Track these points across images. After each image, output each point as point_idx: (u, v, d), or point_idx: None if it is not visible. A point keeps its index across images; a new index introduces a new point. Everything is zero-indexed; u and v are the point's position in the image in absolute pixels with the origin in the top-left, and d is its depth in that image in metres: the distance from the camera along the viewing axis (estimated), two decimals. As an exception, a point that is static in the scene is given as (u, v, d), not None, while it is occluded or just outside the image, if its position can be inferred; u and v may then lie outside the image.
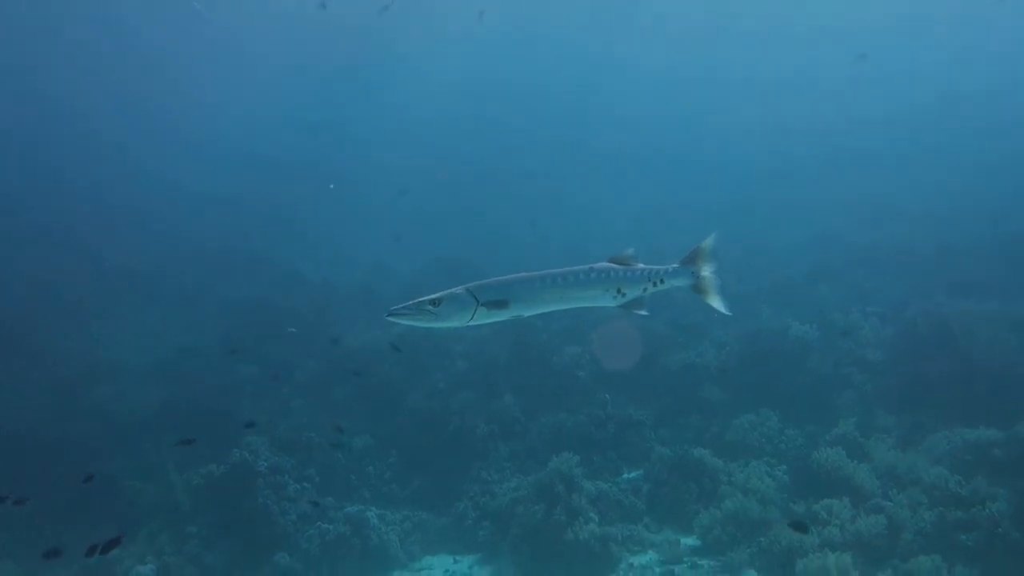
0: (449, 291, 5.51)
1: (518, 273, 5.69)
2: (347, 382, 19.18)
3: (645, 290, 5.83)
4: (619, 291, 5.77)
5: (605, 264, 5.82)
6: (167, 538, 12.68)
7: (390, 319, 5.46)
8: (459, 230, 33.28)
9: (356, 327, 22.10)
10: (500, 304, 5.47)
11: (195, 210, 30.58)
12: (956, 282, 19.96)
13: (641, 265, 5.83)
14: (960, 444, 12.45)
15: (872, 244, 24.78)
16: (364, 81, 57.56)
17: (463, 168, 43.39)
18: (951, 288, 19.55)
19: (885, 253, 23.90)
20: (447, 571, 12.71)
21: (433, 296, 5.50)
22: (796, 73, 63.49)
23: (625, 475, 15.21)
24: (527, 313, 5.62)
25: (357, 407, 18.18)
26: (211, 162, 40.97)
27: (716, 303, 6.05)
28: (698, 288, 6.00)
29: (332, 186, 25.74)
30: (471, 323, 5.54)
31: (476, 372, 18.76)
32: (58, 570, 13.40)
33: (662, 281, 5.88)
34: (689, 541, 12.31)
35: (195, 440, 10.81)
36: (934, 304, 17.76)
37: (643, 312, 5.86)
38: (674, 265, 5.93)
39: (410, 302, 5.47)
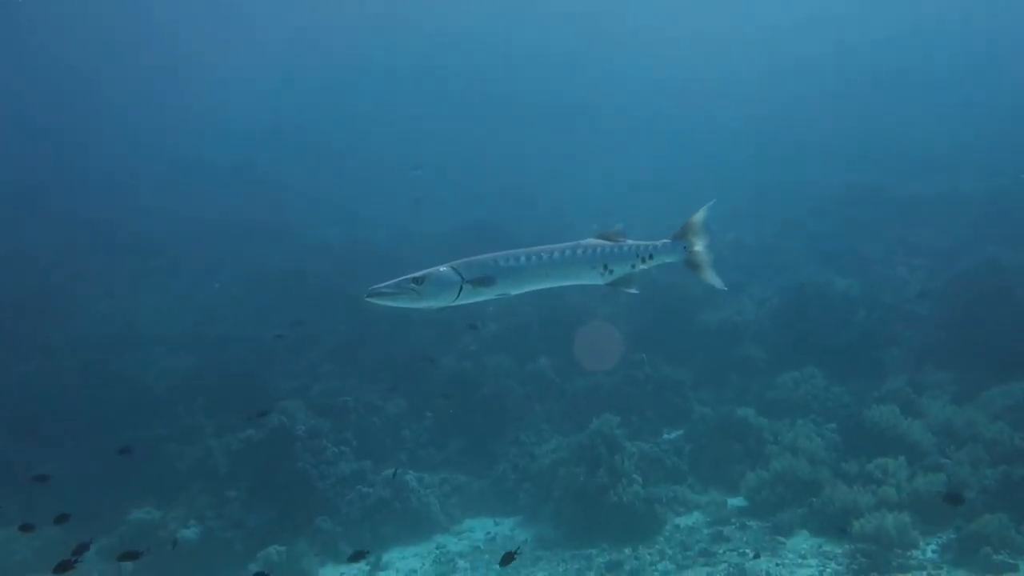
0: (432, 269, 5.33)
1: (503, 251, 5.52)
2: (374, 345, 19.17)
3: (633, 267, 5.69)
4: (606, 268, 5.61)
5: (592, 240, 5.68)
6: (207, 501, 12.73)
7: (370, 300, 5.24)
8: (483, 194, 32.93)
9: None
10: (486, 281, 5.31)
11: (220, 179, 30.44)
12: (1007, 233, 19.37)
13: (629, 241, 5.70)
14: (1021, 398, 12.11)
15: (913, 196, 24.12)
16: (377, 48, 56.78)
17: (487, 131, 42.79)
18: (1003, 239, 18.97)
19: (929, 204, 23.29)
20: (488, 533, 12.67)
21: (416, 274, 5.32)
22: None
23: (665, 435, 15.07)
24: (513, 291, 5.49)
25: (387, 370, 18.13)
26: (235, 133, 40.68)
27: (710, 278, 5.94)
28: (690, 263, 5.87)
29: (418, 171, 25.41)
30: (456, 302, 5.35)
31: (508, 335, 18.60)
32: (99, 535, 13.55)
33: (651, 257, 5.73)
34: (735, 502, 12.16)
35: (133, 450, 10.81)
36: (987, 255, 17.26)
37: (632, 290, 5.74)
38: (664, 240, 5.78)
39: (391, 281, 5.28)
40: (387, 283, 5.28)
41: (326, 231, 25.97)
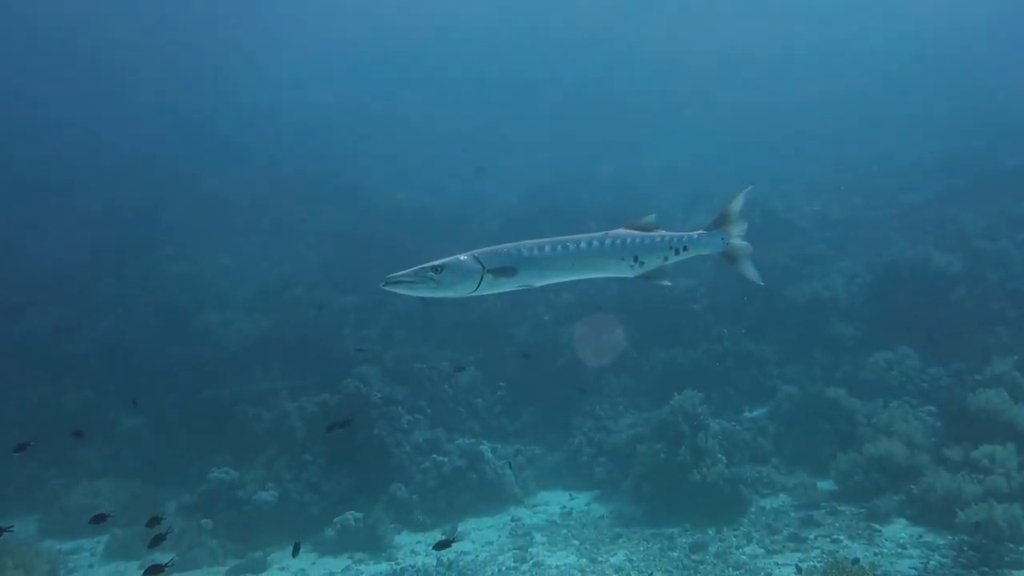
0: (453, 257, 5.14)
1: (527, 240, 5.31)
2: (445, 311, 19.15)
3: (666, 259, 5.45)
4: (636, 259, 5.38)
5: (622, 230, 5.47)
6: (284, 464, 12.89)
7: (387, 288, 5.05)
8: (553, 158, 32.46)
9: (454, 255, 21.87)
10: (508, 272, 5.13)
11: (292, 141, 30.70)
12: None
13: (662, 231, 5.47)
14: None
15: (1019, 167, 22.69)
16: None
17: (559, 93, 42.12)
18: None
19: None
20: (564, 507, 12.53)
21: (435, 262, 5.12)
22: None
23: (747, 413, 14.63)
24: (537, 282, 5.27)
25: (460, 339, 18.09)
26: (306, 93, 40.92)
27: (748, 271, 5.68)
28: (729, 255, 5.63)
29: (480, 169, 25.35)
30: (476, 293, 5.18)
31: (583, 305, 18.29)
32: (181, 492, 13.94)
33: (685, 248, 5.49)
34: (825, 485, 11.71)
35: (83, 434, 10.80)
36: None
37: (665, 282, 5.51)
38: (700, 231, 5.55)
39: (409, 269, 5.09)
40: (405, 271, 5.10)
41: (397, 195, 25.97)
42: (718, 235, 5.54)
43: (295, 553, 10.03)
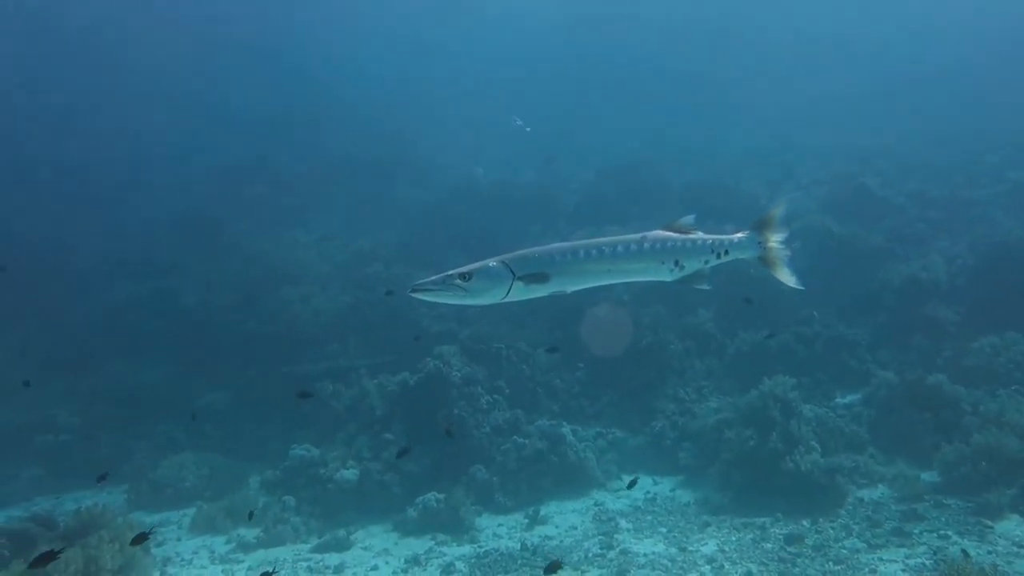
0: (482, 263, 4.97)
1: (558, 243, 5.17)
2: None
3: (706, 262, 5.33)
4: (677, 263, 5.25)
5: (660, 232, 5.31)
6: (364, 443, 12.96)
7: (413, 295, 4.94)
8: (630, 135, 31.84)
9: (531, 233, 21.68)
10: (540, 278, 4.95)
11: (365, 117, 30.84)
12: None
13: (700, 234, 5.34)
14: None
15: None
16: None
17: (637, 69, 41.28)
18: None
19: None
20: (648, 493, 12.27)
21: (463, 269, 4.95)
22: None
23: (839, 399, 14.06)
24: (571, 288, 5.10)
25: (537, 318, 17.89)
26: (377, 69, 41.03)
27: (785, 277, 5.51)
28: (765, 260, 5.49)
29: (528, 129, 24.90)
30: (506, 300, 5.00)
31: (663, 284, 17.84)
32: (261, 467, 14.20)
33: (726, 252, 5.37)
34: (927, 477, 11.15)
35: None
36: None
37: (705, 286, 5.39)
38: (740, 235, 5.40)
39: (436, 276, 4.98)
40: (432, 278, 4.98)
41: (474, 172, 25.84)
42: (755, 240, 5.41)
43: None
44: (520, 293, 5.02)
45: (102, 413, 16.65)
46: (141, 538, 8.19)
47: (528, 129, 23.62)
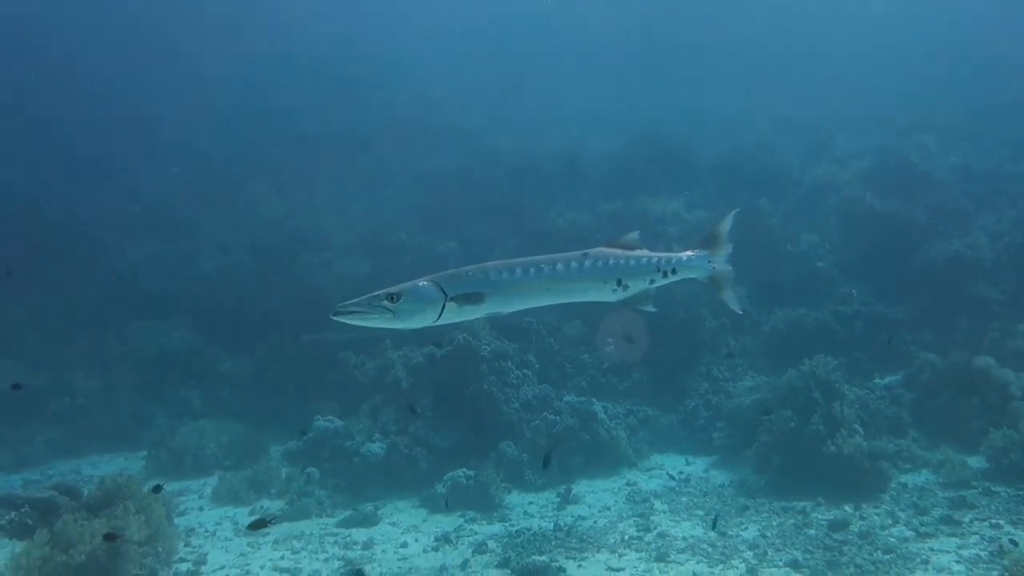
0: (411, 283, 4.73)
1: (494, 261, 4.92)
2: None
3: (652, 282, 5.11)
4: (620, 283, 5.03)
5: (603, 249, 5.09)
6: (390, 416, 12.79)
7: (335, 319, 4.65)
8: (660, 103, 31.26)
9: (558, 204, 21.34)
10: (474, 298, 4.73)
11: (389, 82, 30.35)
12: None
13: (646, 252, 5.13)
14: None
15: None
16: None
17: (660, 34, 40.43)
18: None
19: None
20: (681, 473, 12.08)
21: (391, 289, 4.69)
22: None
23: (878, 380, 13.76)
24: (507, 309, 4.91)
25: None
26: (405, 36, 40.29)
27: (729, 299, 5.41)
28: (715, 280, 5.31)
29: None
30: (438, 323, 4.78)
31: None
32: (282, 437, 14.11)
33: (674, 271, 5.17)
34: (974, 463, 10.88)
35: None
36: None
37: (650, 308, 5.17)
38: (689, 253, 5.24)
39: (361, 297, 4.69)
40: (356, 300, 4.66)
41: (498, 139, 25.43)
42: (705, 259, 5.23)
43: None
44: (453, 315, 4.77)
45: (120, 377, 16.58)
46: (157, 489, 8.17)
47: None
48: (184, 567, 8.94)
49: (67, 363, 16.68)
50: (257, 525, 8.30)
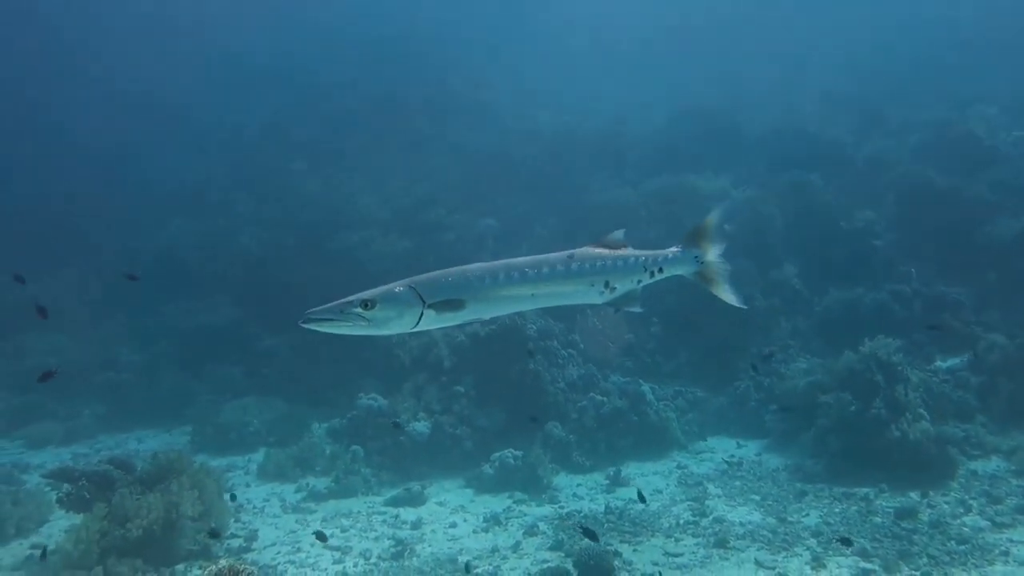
0: (386, 288, 4.51)
1: (475, 264, 4.73)
2: (589, 238, 18.43)
3: (639, 282, 5.01)
4: (607, 284, 4.93)
5: (588, 250, 4.97)
6: (434, 395, 12.69)
7: (305, 327, 4.40)
8: (702, 79, 30.65)
9: (598, 180, 21.03)
10: (454, 305, 4.55)
11: (420, 54, 30.06)
12: None
13: (632, 250, 5.03)
14: None
15: None
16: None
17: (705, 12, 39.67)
18: None
19: None
20: (732, 456, 11.84)
21: (364, 295, 4.45)
22: None
23: (939, 363, 13.35)
24: (488, 315, 4.75)
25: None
26: (444, 8, 39.86)
27: (725, 295, 5.19)
28: (704, 276, 5.18)
29: None
30: (415, 329, 4.58)
31: (745, 237, 17.12)
32: (325, 415, 14.09)
33: (660, 270, 5.07)
34: (1049, 451, 10.50)
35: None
36: None
37: (636, 309, 5.12)
38: (674, 249, 5.09)
39: (333, 303, 4.44)
40: (327, 306, 4.40)
41: (538, 114, 25.08)
42: (692, 254, 5.10)
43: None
44: (431, 322, 4.58)
45: (162, 352, 16.70)
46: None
47: None
48: (236, 543, 8.92)
49: (112, 338, 16.82)
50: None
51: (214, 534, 7.61)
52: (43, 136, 28.86)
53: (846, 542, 8.07)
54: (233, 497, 8.01)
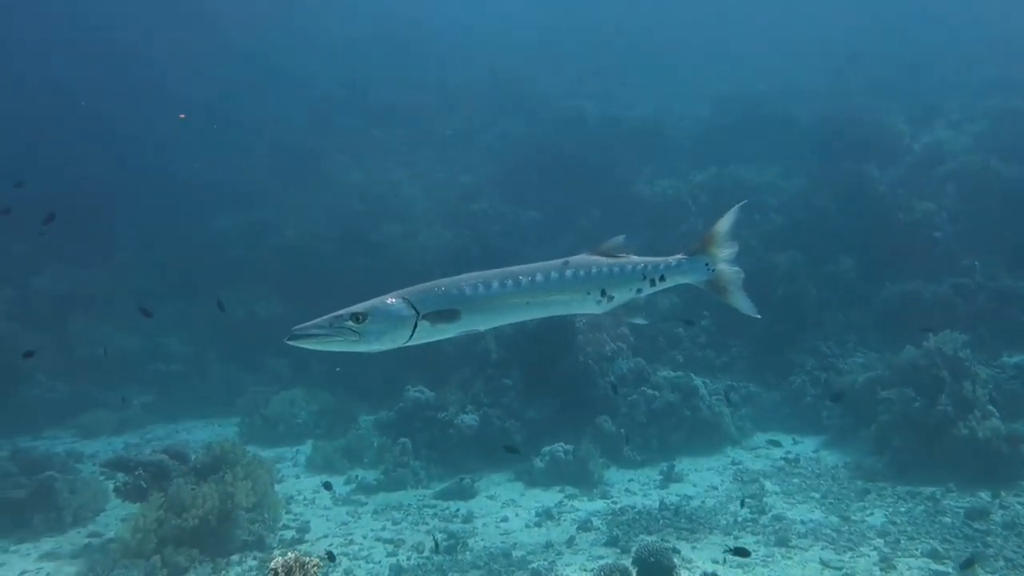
0: (377, 300, 4.36)
1: (469, 273, 4.60)
2: (636, 232, 18.19)
3: (639, 291, 4.82)
4: (604, 293, 4.75)
5: (585, 257, 4.79)
6: (481, 387, 12.59)
7: (291, 343, 4.23)
8: (747, 68, 30.14)
9: (645, 172, 20.77)
10: (448, 316, 4.42)
11: (461, 44, 29.99)
12: None
13: (633, 257, 4.82)
14: None
15: None
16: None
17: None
18: None
19: None
20: (788, 453, 11.59)
21: (354, 308, 4.27)
22: None
23: (1006, 359, 12.91)
24: (484, 326, 4.63)
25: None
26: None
27: (739, 303, 4.99)
28: (714, 285, 4.95)
29: None
30: (409, 343, 4.41)
31: (795, 227, 16.78)
32: (371, 407, 14.11)
33: (662, 279, 4.85)
34: (1125, 451, 10.06)
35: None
36: None
37: (640, 320, 4.97)
38: (679, 257, 4.87)
39: (321, 319, 4.24)
40: (315, 321, 4.20)
41: (583, 105, 24.82)
42: (700, 261, 4.87)
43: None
44: (425, 334, 4.41)
45: (209, 344, 16.86)
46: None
47: None
48: (288, 534, 8.93)
49: (160, 329, 17.01)
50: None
51: (331, 557, 7.52)
52: (93, 128, 29.31)
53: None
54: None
